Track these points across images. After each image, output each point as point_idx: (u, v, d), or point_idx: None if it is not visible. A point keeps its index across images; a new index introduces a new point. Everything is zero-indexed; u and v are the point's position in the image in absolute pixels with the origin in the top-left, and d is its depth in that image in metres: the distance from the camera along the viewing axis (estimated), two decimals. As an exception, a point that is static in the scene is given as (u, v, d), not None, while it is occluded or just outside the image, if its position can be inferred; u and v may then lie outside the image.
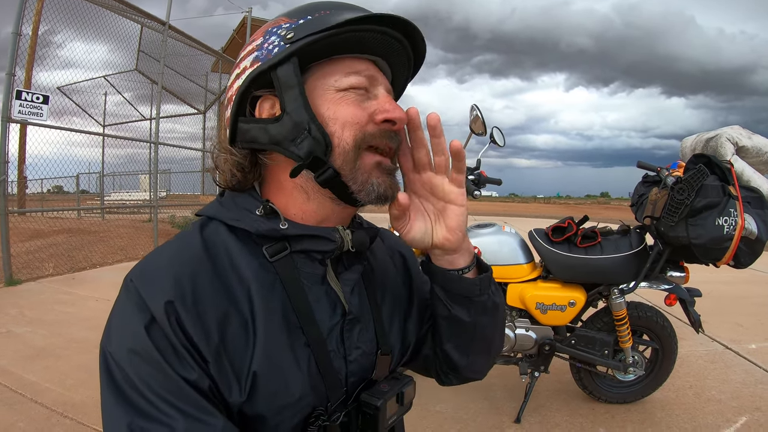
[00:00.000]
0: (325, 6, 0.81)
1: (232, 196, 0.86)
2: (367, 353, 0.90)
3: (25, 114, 6.62)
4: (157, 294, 0.71)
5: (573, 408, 3.21)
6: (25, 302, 5.49)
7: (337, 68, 0.82)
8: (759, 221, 2.64)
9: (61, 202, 17.62)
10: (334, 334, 0.86)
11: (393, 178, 0.85)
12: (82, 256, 8.18)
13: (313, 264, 0.85)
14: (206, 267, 0.77)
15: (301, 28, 0.78)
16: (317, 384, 0.82)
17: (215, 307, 0.74)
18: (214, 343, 0.72)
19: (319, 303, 0.85)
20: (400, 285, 1.06)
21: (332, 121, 0.80)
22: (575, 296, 2.95)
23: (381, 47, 0.84)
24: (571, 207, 52.82)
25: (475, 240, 3.03)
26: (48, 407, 3.04)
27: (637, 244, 2.97)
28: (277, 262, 0.82)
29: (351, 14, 0.77)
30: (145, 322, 0.69)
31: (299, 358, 0.80)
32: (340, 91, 0.81)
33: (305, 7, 0.83)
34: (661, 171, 2.84)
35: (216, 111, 15.37)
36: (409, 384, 0.94)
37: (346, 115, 0.80)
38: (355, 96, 0.82)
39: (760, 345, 4.58)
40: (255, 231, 0.81)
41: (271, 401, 0.76)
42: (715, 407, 3.27)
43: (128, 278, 0.75)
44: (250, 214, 0.82)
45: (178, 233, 0.85)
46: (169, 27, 9.90)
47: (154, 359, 0.68)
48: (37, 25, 8.13)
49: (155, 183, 10.34)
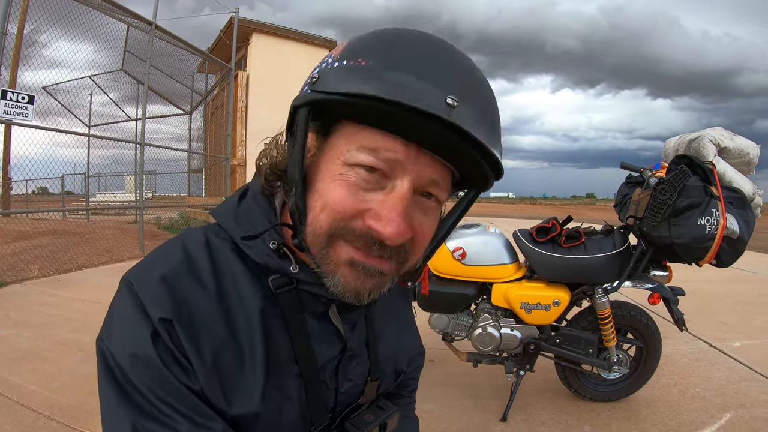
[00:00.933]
0: (376, 51, 0.66)
1: (249, 213, 0.80)
2: (358, 384, 0.91)
3: (10, 114, 6.55)
4: (158, 308, 0.69)
5: (558, 406, 3.23)
6: (10, 304, 5.42)
7: (359, 136, 0.68)
8: (741, 221, 2.67)
9: (46, 204, 17.47)
10: (329, 368, 0.85)
11: (370, 278, 0.72)
12: (67, 258, 8.10)
13: (317, 303, 0.83)
14: (210, 290, 0.74)
15: (327, 75, 0.67)
16: (305, 413, 0.82)
17: (212, 333, 0.72)
18: (207, 367, 0.70)
19: (319, 337, 0.83)
20: (395, 314, 1.07)
21: (317, 195, 0.70)
22: (560, 296, 2.97)
23: (419, 132, 0.66)
24: (558, 208, 53.09)
25: (459, 240, 3.04)
26: (35, 410, 3.01)
27: (620, 244, 2.99)
28: (281, 295, 0.79)
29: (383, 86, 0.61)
30: (151, 331, 0.68)
31: (291, 390, 0.79)
32: (346, 165, 0.68)
33: (359, 42, 0.70)
34: (644, 172, 2.87)
35: (202, 112, 15.31)
36: (393, 415, 0.94)
37: (331, 197, 0.69)
38: (359, 180, 0.68)
39: (744, 343, 4.63)
40: (264, 264, 0.77)
41: (262, 430, 0.76)
42: (699, 404, 3.30)
43: (128, 279, 0.73)
44: (263, 245, 0.77)
45: (182, 236, 0.81)
46: (156, 27, 9.84)
47: (157, 366, 0.67)
48: (22, 24, 8.05)
49: (141, 184, 10.27)
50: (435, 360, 3.98)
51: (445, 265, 3.03)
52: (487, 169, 0.71)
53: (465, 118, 0.62)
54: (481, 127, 0.65)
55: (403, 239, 0.69)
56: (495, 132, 0.69)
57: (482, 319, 3.05)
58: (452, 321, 3.12)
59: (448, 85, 0.63)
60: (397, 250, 0.70)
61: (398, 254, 0.72)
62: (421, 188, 0.71)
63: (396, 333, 1.04)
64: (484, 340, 3.00)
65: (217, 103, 15.55)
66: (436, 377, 3.67)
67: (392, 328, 1.03)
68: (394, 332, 1.03)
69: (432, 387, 3.51)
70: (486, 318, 3.05)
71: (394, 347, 1.02)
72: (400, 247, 0.70)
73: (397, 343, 1.03)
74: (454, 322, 3.12)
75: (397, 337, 1.04)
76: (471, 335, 3.07)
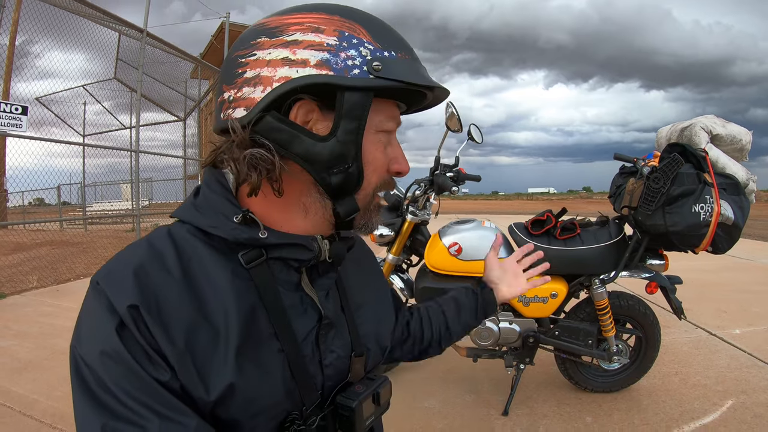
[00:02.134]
0: (404, 46, 0.82)
1: (207, 199, 0.82)
2: (342, 357, 0.91)
3: (5, 125, 6.54)
4: (124, 298, 0.69)
5: (560, 398, 3.24)
6: (10, 315, 5.43)
7: (383, 108, 0.83)
8: (735, 207, 2.68)
9: (42, 214, 17.47)
10: (309, 340, 0.85)
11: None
12: (65, 268, 8.10)
13: (288, 271, 0.84)
14: (176, 276, 0.74)
15: (389, 65, 0.77)
16: (291, 389, 0.81)
17: (182, 316, 0.72)
18: (179, 350, 0.70)
19: (294, 309, 0.84)
20: (370, 289, 1.07)
21: (367, 163, 0.81)
22: (557, 288, 2.98)
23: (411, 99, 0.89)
24: (554, 203, 53.07)
25: (455, 236, 3.04)
26: (37, 419, 3.01)
27: (616, 234, 3.00)
28: (252, 269, 0.80)
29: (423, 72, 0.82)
30: (116, 324, 0.68)
31: (273, 365, 0.79)
32: (378, 132, 0.83)
33: (386, 32, 0.81)
34: (637, 162, 2.88)
35: (196, 118, 15.28)
36: (385, 384, 0.95)
37: (376, 160, 0.83)
38: (384, 139, 0.85)
39: (744, 330, 4.64)
40: (233, 239, 0.78)
41: (245, 408, 0.76)
42: (701, 392, 3.31)
43: (95, 280, 0.73)
44: (227, 220, 0.79)
45: (146, 235, 0.82)
46: (147, 34, 9.84)
47: (125, 361, 0.67)
48: (14, 35, 8.05)
49: (137, 192, 10.26)
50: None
51: (442, 260, 3.03)
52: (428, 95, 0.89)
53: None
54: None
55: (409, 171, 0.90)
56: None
57: (480, 313, 3.05)
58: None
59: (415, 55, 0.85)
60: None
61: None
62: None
63: (374, 310, 1.04)
64: (482, 334, 3.00)
65: (211, 109, 15.50)
66: (436, 373, 3.68)
67: (369, 303, 1.03)
68: (371, 308, 1.03)
69: (432, 383, 3.52)
70: (484, 312, 3.04)
71: (375, 324, 1.03)
72: None
73: (377, 321, 1.04)
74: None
75: (376, 314, 1.05)
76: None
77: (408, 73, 0.78)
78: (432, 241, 3.15)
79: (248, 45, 0.77)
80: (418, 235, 3.29)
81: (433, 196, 3.22)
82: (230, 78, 0.78)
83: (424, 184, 3.17)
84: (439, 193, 3.14)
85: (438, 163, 3.17)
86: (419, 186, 3.21)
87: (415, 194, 3.23)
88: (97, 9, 8.51)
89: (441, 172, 3.13)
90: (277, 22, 0.77)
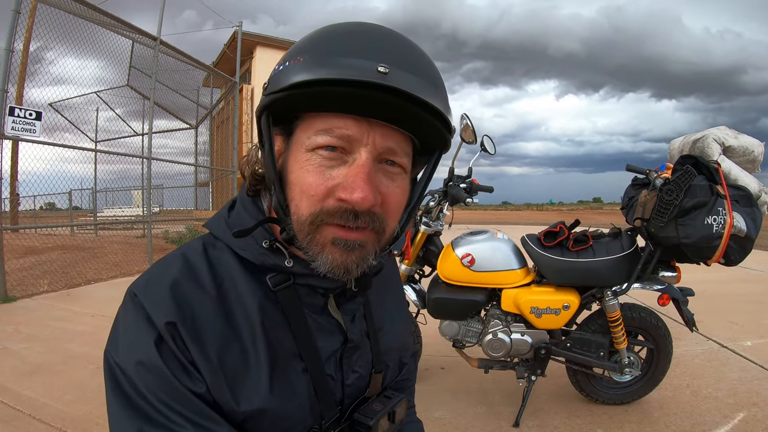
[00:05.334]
0: (310, 46, 0.73)
1: (239, 218, 0.84)
2: (363, 375, 0.92)
3: (18, 130, 6.59)
4: (162, 313, 0.71)
5: (571, 410, 3.22)
6: (20, 319, 5.46)
7: (315, 123, 0.74)
8: (748, 219, 2.67)
9: (54, 219, 17.55)
10: (333, 360, 0.87)
11: (353, 252, 0.76)
12: (76, 273, 8.16)
13: (315, 296, 0.85)
14: (210, 294, 0.77)
15: (274, 78, 0.73)
16: (314, 406, 0.83)
17: (215, 333, 0.74)
18: (213, 366, 0.72)
19: (321, 331, 0.85)
20: (395, 310, 1.09)
21: (293, 186, 0.76)
22: (569, 299, 2.97)
23: (365, 107, 0.71)
24: (564, 213, 52.89)
25: (468, 247, 3.05)
26: (47, 423, 3.02)
27: (628, 246, 2.99)
28: (280, 292, 0.81)
29: (318, 69, 0.68)
30: (154, 337, 0.70)
31: (299, 384, 0.81)
32: (308, 152, 0.74)
33: (296, 45, 0.77)
34: (649, 173, 2.88)
35: (208, 126, 15.36)
36: (400, 403, 0.96)
37: (304, 184, 0.74)
38: (322, 160, 0.73)
39: (756, 342, 4.61)
40: (260, 263, 0.80)
41: (273, 425, 0.78)
42: (712, 405, 3.29)
43: (132, 291, 0.76)
44: (255, 244, 0.80)
45: (182, 248, 0.84)
46: (161, 42, 9.91)
47: (162, 372, 0.69)
48: (28, 41, 8.12)
49: (148, 198, 10.31)
50: (446, 367, 3.98)
51: (455, 271, 3.03)
52: (441, 128, 0.76)
53: (401, 81, 0.68)
54: (422, 88, 0.70)
55: (371, 202, 0.72)
56: (437, 89, 0.75)
57: (492, 325, 3.05)
58: (462, 328, 3.12)
59: (379, 56, 0.69)
60: (372, 218, 0.75)
61: (374, 222, 0.75)
62: (381, 157, 0.76)
63: (396, 330, 1.06)
64: (494, 345, 3.00)
65: (223, 117, 15.59)
66: (447, 384, 3.67)
67: (392, 324, 1.05)
68: (394, 328, 1.05)
69: (444, 394, 3.51)
70: (496, 324, 3.05)
71: (396, 342, 1.04)
72: (374, 214, 0.75)
73: (398, 339, 1.06)
74: (465, 328, 3.12)
75: (398, 333, 1.06)
76: (481, 341, 3.07)
77: (285, 79, 0.70)
78: (445, 251, 3.15)
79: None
80: (431, 246, 3.30)
81: (447, 207, 3.23)
82: None
83: (438, 195, 3.19)
84: (452, 204, 3.16)
85: (452, 174, 3.19)
86: (433, 197, 3.23)
87: (428, 205, 3.24)
88: (112, 17, 8.59)
89: (455, 183, 3.14)
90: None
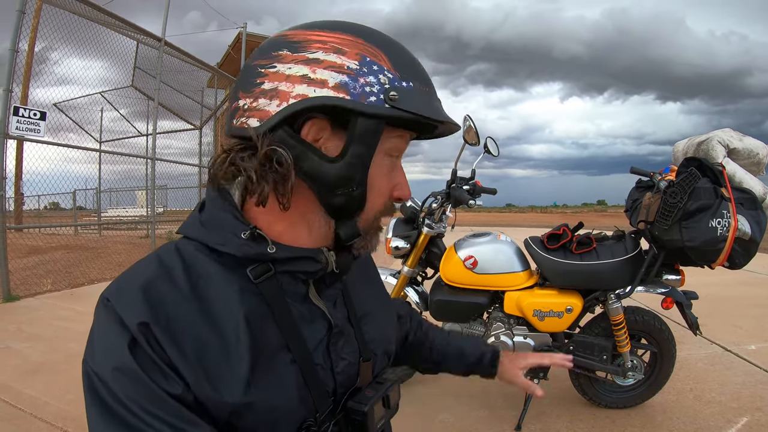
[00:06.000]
0: (423, 77, 0.82)
1: (213, 216, 0.83)
2: (352, 363, 0.92)
3: (23, 130, 6.60)
4: (134, 315, 0.70)
5: (573, 414, 3.21)
6: (23, 318, 5.48)
7: (393, 135, 0.83)
8: (752, 222, 2.66)
9: (58, 219, 17.59)
10: (320, 349, 0.86)
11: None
12: (80, 272, 8.18)
13: (296, 283, 0.85)
14: (186, 293, 0.75)
15: (405, 96, 0.77)
16: (305, 397, 0.82)
17: (191, 331, 0.73)
18: (191, 364, 0.71)
19: (304, 320, 0.85)
20: (374, 296, 1.09)
21: (371, 188, 0.82)
22: (572, 302, 2.96)
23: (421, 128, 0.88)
24: (568, 216, 52.85)
25: (471, 249, 3.04)
26: (49, 422, 3.03)
27: (632, 249, 2.98)
28: (261, 284, 0.80)
29: (437, 106, 0.83)
30: (128, 340, 0.69)
31: (287, 376, 0.80)
32: (385, 158, 0.84)
33: (407, 61, 0.82)
34: (653, 176, 2.87)
35: (212, 126, 15.37)
36: (393, 386, 0.96)
37: (380, 185, 0.84)
38: (390, 162, 0.85)
39: (760, 346, 4.59)
40: (243, 255, 0.79)
41: (263, 418, 0.77)
42: (715, 409, 3.27)
43: (104, 297, 0.75)
44: (235, 237, 0.79)
45: (156, 251, 0.83)
46: (165, 43, 9.94)
47: (138, 376, 0.68)
48: (33, 41, 8.15)
49: (152, 199, 10.34)
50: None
51: (457, 273, 3.03)
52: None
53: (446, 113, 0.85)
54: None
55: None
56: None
57: (495, 327, 3.04)
58: (465, 330, 3.12)
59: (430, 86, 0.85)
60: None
61: None
62: None
63: (378, 316, 1.05)
64: (497, 348, 2.99)
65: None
66: (450, 387, 3.66)
67: (374, 310, 1.04)
68: (376, 315, 1.04)
69: (447, 397, 3.50)
70: (499, 326, 3.04)
71: (380, 330, 1.04)
72: None
73: (382, 327, 1.05)
74: (467, 331, 3.12)
75: (380, 321, 1.06)
76: (484, 344, 3.05)
77: (422, 107, 0.78)
78: (447, 254, 3.15)
79: (269, 56, 0.77)
80: (434, 248, 3.29)
81: (449, 209, 3.22)
82: (248, 86, 0.78)
83: (441, 196, 3.19)
84: (455, 206, 3.15)
85: (455, 176, 3.18)
86: (435, 199, 3.22)
87: (431, 207, 3.23)
88: (116, 17, 8.62)
89: (458, 185, 3.14)
90: (301, 36, 0.78)
